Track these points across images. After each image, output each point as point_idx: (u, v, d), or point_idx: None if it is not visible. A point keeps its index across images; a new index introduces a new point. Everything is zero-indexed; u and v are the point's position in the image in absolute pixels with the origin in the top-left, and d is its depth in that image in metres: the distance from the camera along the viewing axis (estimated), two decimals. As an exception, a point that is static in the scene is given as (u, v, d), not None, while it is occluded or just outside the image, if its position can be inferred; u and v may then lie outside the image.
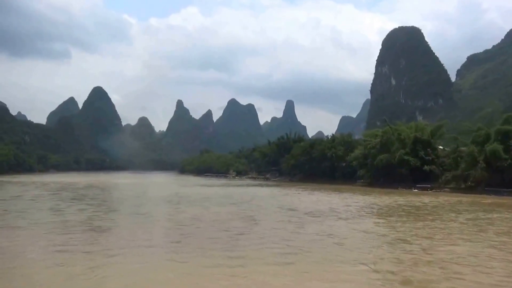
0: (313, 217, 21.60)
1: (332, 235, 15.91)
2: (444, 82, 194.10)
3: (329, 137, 66.27)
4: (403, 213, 23.64)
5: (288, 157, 65.21)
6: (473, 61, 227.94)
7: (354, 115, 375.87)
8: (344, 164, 53.44)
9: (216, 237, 15.18)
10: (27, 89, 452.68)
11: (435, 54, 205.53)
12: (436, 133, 42.76)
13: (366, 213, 24.12)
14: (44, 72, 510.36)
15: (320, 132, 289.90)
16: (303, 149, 61.36)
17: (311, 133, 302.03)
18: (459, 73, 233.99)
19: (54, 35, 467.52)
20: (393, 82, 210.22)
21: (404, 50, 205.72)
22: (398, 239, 15.01)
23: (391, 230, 17.29)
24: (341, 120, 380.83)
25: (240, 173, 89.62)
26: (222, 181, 71.62)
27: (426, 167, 39.06)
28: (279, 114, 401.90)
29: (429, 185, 38.23)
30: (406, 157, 40.30)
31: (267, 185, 54.61)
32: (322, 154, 56.24)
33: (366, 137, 48.90)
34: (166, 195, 36.55)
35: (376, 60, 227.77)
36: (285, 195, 37.60)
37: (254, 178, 77.33)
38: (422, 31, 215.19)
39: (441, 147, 43.74)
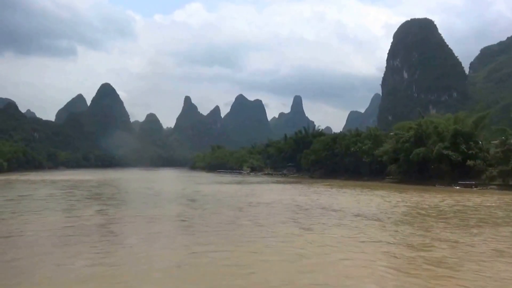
0: (367, 220, 18.84)
1: (412, 246, 13.05)
2: (458, 75, 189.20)
3: (352, 132, 62.52)
4: (461, 215, 20.78)
5: (308, 152, 62.09)
6: (486, 53, 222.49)
7: (363, 110, 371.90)
8: (369, 160, 50.26)
9: (281, 250, 12.41)
10: (35, 87, 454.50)
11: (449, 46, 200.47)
12: (479, 124, 39.32)
13: (420, 215, 21.17)
14: (51, 69, 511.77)
15: (328, 128, 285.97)
16: (324, 144, 58.21)
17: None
18: (472, 66, 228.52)
19: (59, 32, 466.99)
20: (405, 75, 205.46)
21: (417, 42, 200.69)
22: (501, 252, 12.10)
23: (476, 239, 14.33)
24: (349, 115, 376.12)
25: (254, 170, 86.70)
26: (238, 178, 68.87)
27: (469, 162, 35.80)
28: (286, 110, 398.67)
29: (473, 182, 35.03)
30: (445, 151, 37.08)
31: (289, 182, 51.74)
32: (346, 149, 53.12)
33: (397, 130, 45.71)
34: (187, 193, 33.87)
35: (387, 54, 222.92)
36: (315, 193, 34.77)
37: (270, 175, 74.37)
38: (435, 23, 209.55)
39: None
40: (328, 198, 29.61)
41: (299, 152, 67.65)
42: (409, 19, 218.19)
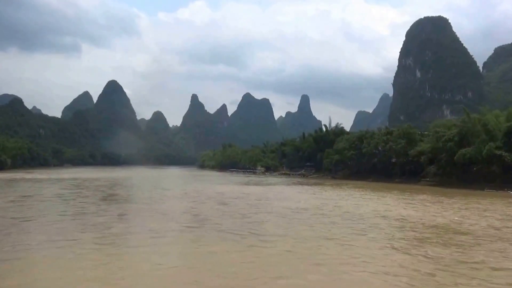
0: (454, 233, 15.24)
1: None
2: (473, 74, 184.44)
3: (381, 130, 57.27)
4: None
5: (330, 151, 57.97)
6: (501, 53, 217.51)
7: (370, 110, 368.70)
8: (401, 160, 46.22)
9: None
10: (40, 84, 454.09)
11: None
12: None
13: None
14: (55, 66, 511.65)
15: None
16: (350, 142, 54.13)
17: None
18: (485, 65, 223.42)
19: (64, 29, 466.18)
20: (418, 74, 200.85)
21: (430, 41, 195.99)
22: None
23: None
24: (356, 115, 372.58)
25: (269, 169, 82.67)
26: (254, 178, 65.03)
27: (528, 164, 31.86)
28: (291, 109, 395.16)
29: (535, 187, 31.09)
30: (498, 152, 33.08)
31: (313, 184, 47.92)
32: (374, 148, 49.09)
33: (438, 128, 41.64)
34: (210, 195, 30.17)
35: (399, 52, 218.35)
36: (352, 197, 31.27)
37: (287, 175, 70.23)
38: (449, 21, 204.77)
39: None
40: (375, 204, 25.93)
41: (319, 151, 63.60)
42: (422, 17, 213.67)
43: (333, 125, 73.11)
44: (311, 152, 69.08)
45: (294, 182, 51.37)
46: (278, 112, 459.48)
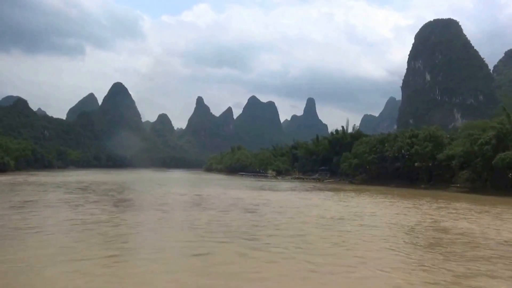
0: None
1: None
2: (484, 77, 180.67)
3: (404, 133, 53.58)
4: None
5: (348, 155, 55.01)
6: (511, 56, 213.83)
7: (375, 114, 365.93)
8: (425, 165, 43.29)
9: None
10: (45, 85, 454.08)
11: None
12: None
13: None
14: (60, 68, 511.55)
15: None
16: (371, 146, 51.15)
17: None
18: (496, 68, 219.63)
19: (68, 30, 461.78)
20: (428, 77, 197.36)
21: (440, 43, 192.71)
22: None
23: None
24: (362, 119, 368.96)
25: (280, 173, 79.75)
26: (267, 182, 62.19)
27: None
28: (296, 112, 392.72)
29: None
30: (544, 156, 30.34)
31: (333, 189, 45.11)
32: (398, 152, 46.14)
33: (471, 130, 38.72)
34: (229, 202, 27.53)
35: (408, 55, 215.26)
36: (382, 204, 28.71)
37: (301, 179, 67.22)
38: (460, 23, 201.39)
39: None
40: (415, 213, 23.39)
41: (335, 155, 60.66)
42: (431, 19, 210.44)
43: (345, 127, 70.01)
44: (325, 156, 66.15)
45: (311, 187, 48.61)
46: (283, 115, 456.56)
